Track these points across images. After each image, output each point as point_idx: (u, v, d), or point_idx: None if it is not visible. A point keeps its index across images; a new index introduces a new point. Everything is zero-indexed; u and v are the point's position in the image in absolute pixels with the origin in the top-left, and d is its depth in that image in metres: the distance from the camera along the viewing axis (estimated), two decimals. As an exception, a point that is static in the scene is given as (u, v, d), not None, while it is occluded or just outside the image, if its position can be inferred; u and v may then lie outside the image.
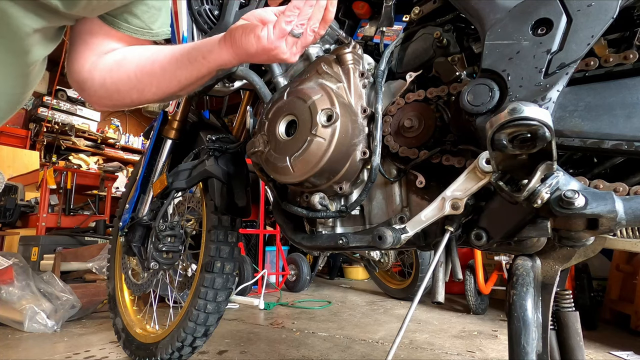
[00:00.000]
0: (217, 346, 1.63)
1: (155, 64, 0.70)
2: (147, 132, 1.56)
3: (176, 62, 0.69)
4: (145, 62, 0.71)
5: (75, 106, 5.21)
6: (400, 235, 0.71)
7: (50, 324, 1.87)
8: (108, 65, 0.71)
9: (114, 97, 0.73)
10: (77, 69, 0.72)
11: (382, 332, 1.91)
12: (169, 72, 0.70)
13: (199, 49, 0.68)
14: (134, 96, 0.73)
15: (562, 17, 0.60)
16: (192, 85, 0.72)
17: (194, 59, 0.68)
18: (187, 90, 0.75)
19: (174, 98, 0.77)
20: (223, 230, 1.29)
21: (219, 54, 0.67)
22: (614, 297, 2.23)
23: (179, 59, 0.69)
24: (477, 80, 0.65)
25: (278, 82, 1.05)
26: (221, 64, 0.68)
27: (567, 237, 0.58)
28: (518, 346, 0.59)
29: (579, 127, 0.59)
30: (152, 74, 0.70)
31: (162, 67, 0.70)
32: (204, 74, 0.70)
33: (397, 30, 0.91)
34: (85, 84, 0.72)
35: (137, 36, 0.73)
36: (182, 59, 0.69)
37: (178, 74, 0.70)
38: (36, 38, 0.62)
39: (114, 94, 0.73)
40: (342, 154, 0.80)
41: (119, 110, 0.89)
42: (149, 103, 0.76)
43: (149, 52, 0.72)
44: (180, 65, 0.69)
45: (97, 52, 0.72)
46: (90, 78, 0.71)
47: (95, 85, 0.72)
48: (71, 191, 3.45)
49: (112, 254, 1.70)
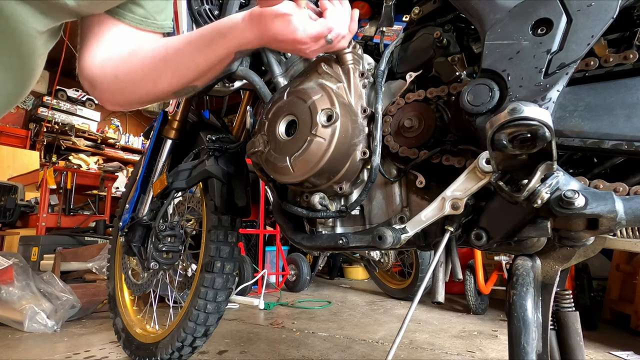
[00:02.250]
0: (217, 346, 1.63)
1: (169, 49, 0.68)
2: (147, 132, 1.56)
3: (192, 45, 0.66)
4: (160, 49, 0.69)
5: (75, 106, 5.21)
6: (400, 235, 0.71)
7: (50, 324, 1.87)
8: (121, 56, 0.69)
9: (126, 91, 0.71)
10: (88, 65, 0.71)
11: (382, 332, 1.91)
12: (185, 55, 0.67)
13: (218, 29, 0.65)
14: (149, 87, 0.70)
15: (562, 17, 0.60)
16: (210, 71, 0.69)
17: (211, 40, 0.65)
18: (205, 79, 0.72)
19: (190, 90, 0.74)
20: (223, 230, 1.29)
21: (242, 32, 0.63)
22: (614, 297, 2.23)
23: (195, 41, 0.66)
24: (477, 80, 0.65)
25: (278, 82, 1.05)
26: (243, 43, 0.65)
27: (567, 237, 0.58)
28: (518, 346, 0.59)
29: (579, 127, 0.59)
30: (167, 59, 0.68)
31: (176, 51, 0.67)
32: (222, 56, 0.67)
33: (397, 30, 0.91)
34: (97, 80, 0.71)
35: (142, 26, 0.71)
36: (199, 41, 0.66)
37: (195, 57, 0.67)
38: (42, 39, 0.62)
39: (128, 86, 0.71)
40: (342, 154, 0.80)
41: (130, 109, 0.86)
42: (163, 95, 0.73)
43: (162, 41, 0.70)
44: (196, 47, 0.66)
45: (107, 46, 0.70)
46: (102, 73, 0.70)
47: (108, 80, 0.70)
48: (71, 191, 3.45)
49: (112, 254, 1.70)
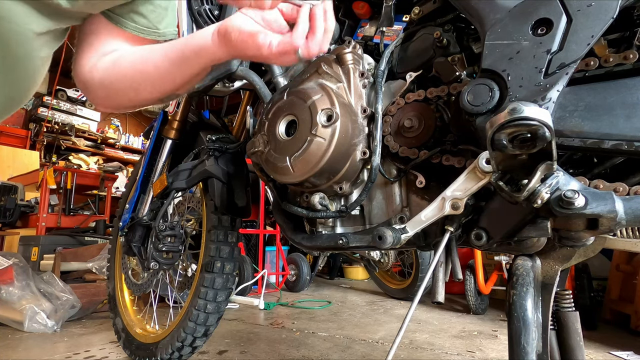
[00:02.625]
0: (217, 346, 1.63)
1: (148, 62, 0.68)
2: (147, 132, 1.56)
3: (169, 61, 0.67)
4: (139, 61, 0.69)
5: (75, 106, 5.21)
6: (400, 235, 0.71)
7: (50, 324, 1.87)
8: (105, 65, 0.70)
9: (112, 98, 0.73)
10: (79, 70, 0.72)
11: (382, 332, 1.91)
12: (163, 70, 0.67)
13: (191, 47, 0.65)
14: (131, 95, 0.71)
15: (562, 17, 0.60)
16: (188, 83, 0.70)
17: (186, 57, 0.66)
18: (184, 90, 0.73)
19: (172, 97, 0.75)
20: (223, 230, 1.29)
21: (212, 52, 0.64)
22: (614, 297, 2.23)
23: (172, 57, 0.67)
24: (477, 80, 0.65)
25: (278, 82, 1.05)
26: (215, 59, 0.65)
27: (567, 237, 0.58)
28: (518, 346, 0.59)
29: (579, 127, 0.59)
30: (146, 72, 0.68)
31: (155, 66, 0.68)
32: (197, 72, 0.67)
33: (397, 30, 0.91)
34: (87, 85, 0.72)
35: (143, 36, 0.72)
36: (175, 57, 0.67)
37: (172, 73, 0.67)
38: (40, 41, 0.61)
39: (113, 94, 0.72)
40: (342, 154, 0.80)
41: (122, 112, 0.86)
42: (148, 103, 0.74)
43: (144, 51, 0.70)
44: (173, 64, 0.67)
45: (100, 53, 0.71)
46: (91, 79, 0.71)
47: (96, 86, 0.71)
48: (71, 191, 3.45)
49: (112, 254, 1.70)
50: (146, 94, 0.71)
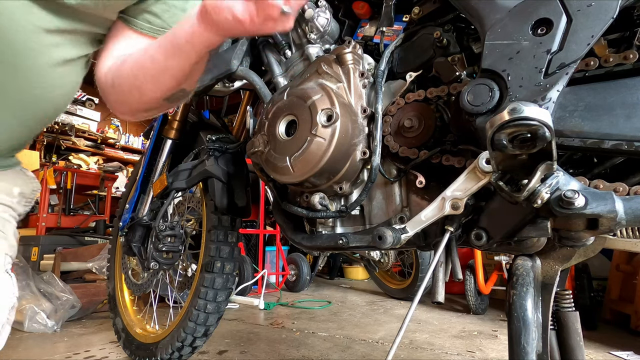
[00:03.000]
0: (217, 346, 1.63)
1: (146, 56, 0.66)
2: (147, 132, 1.56)
3: (164, 51, 0.65)
4: (139, 56, 0.67)
5: (75, 106, 5.20)
6: (400, 235, 0.71)
7: (50, 324, 1.87)
8: (116, 66, 0.70)
9: (121, 101, 0.72)
10: (98, 75, 0.72)
11: (382, 332, 1.91)
12: (160, 63, 0.65)
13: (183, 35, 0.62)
14: (136, 95, 0.70)
15: (562, 17, 0.60)
16: (189, 76, 0.68)
17: (180, 45, 0.63)
18: (188, 85, 0.70)
19: (178, 96, 0.72)
20: (223, 230, 1.29)
21: (202, 37, 0.61)
22: (614, 297, 2.23)
23: (166, 47, 0.64)
24: (477, 80, 0.65)
25: (278, 82, 1.05)
26: (208, 44, 0.62)
27: (567, 237, 0.58)
28: (518, 346, 0.59)
29: (579, 127, 0.59)
30: (145, 67, 0.66)
31: (152, 58, 0.65)
32: (195, 60, 0.64)
33: (397, 30, 0.91)
34: (104, 90, 0.72)
35: (158, 36, 0.71)
36: (168, 47, 0.64)
37: (169, 65, 0.65)
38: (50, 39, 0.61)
39: (121, 97, 0.71)
40: (342, 154, 0.80)
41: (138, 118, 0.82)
42: (154, 104, 0.72)
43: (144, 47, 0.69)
44: (168, 55, 0.64)
45: (116, 56, 0.70)
46: (105, 82, 0.71)
47: (109, 90, 0.71)
48: (71, 191, 3.46)
49: (112, 254, 1.70)
50: (149, 92, 0.69)
